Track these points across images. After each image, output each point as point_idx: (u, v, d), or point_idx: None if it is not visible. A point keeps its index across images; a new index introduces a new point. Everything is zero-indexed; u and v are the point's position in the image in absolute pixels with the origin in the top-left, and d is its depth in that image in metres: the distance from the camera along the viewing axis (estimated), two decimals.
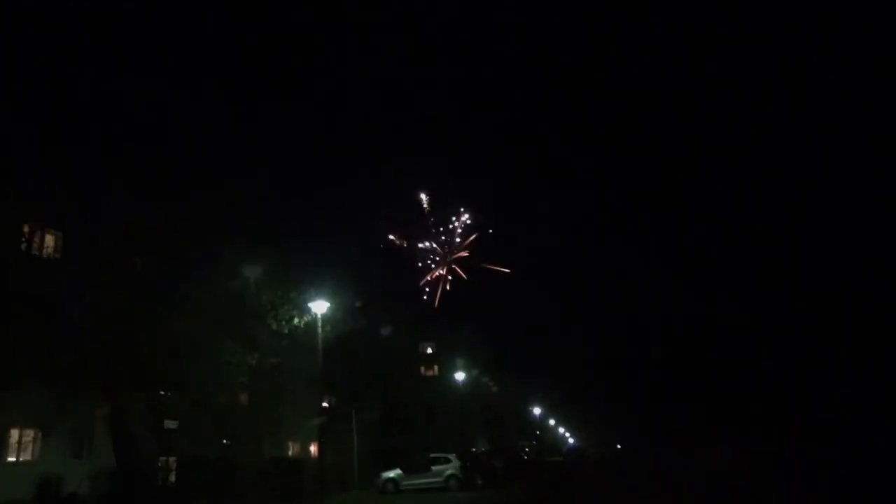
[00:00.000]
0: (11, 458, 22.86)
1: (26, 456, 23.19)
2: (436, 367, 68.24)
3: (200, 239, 18.99)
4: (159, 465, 21.78)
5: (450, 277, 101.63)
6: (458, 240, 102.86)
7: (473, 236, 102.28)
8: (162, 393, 23.51)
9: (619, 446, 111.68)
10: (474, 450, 47.05)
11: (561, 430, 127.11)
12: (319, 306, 26.63)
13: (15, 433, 22.95)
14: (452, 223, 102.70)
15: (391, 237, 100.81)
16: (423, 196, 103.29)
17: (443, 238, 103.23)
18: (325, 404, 34.76)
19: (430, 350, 70.69)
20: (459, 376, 55.05)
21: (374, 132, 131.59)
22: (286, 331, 24.30)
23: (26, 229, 18.85)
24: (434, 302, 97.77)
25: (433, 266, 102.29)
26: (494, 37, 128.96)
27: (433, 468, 31.07)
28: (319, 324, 26.85)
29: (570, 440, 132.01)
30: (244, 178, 21.40)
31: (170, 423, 25.81)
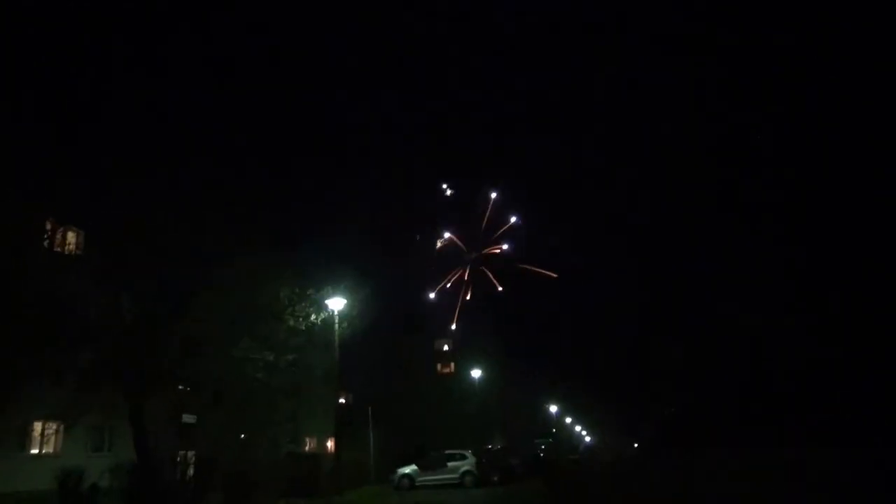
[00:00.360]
0: (34, 451, 23.30)
1: (48, 449, 23.63)
2: (452, 365, 68.31)
3: (216, 238, 19.13)
4: (178, 459, 22.04)
5: (471, 286, 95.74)
6: (486, 235, 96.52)
7: (504, 228, 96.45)
8: (180, 388, 23.81)
9: (636, 445, 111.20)
10: (490, 447, 47.05)
11: (577, 428, 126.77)
12: (336, 303, 26.79)
13: (38, 426, 23.39)
14: (479, 213, 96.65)
15: (415, 237, 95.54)
16: (444, 187, 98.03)
17: (467, 236, 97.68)
18: (341, 401, 35.03)
19: (446, 347, 70.79)
20: (475, 373, 55.11)
21: (387, 128, 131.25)
22: (303, 327, 24.43)
23: (48, 226, 19.14)
24: (453, 306, 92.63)
25: (455, 270, 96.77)
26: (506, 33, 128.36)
27: (449, 464, 31.11)
28: (336, 321, 27.02)
29: (587, 438, 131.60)
30: (256, 177, 21.53)
31: (188, 418, 26.14)
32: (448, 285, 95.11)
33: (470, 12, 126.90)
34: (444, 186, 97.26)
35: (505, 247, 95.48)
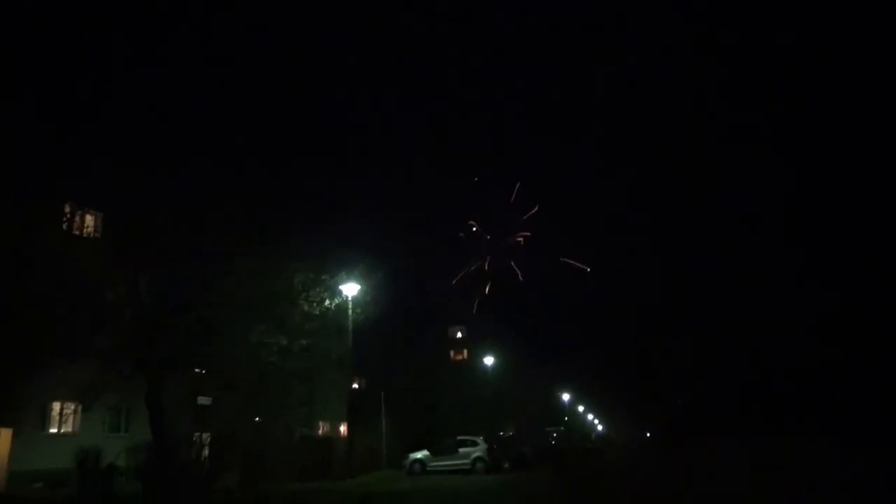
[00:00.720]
0: (53, 430, 23.75)
1: (67, 428, 24.07)
2: (465, 352, 68.44)
3: (234, 223, 19.27)
4: (193, 440, 22.35)
5: (489, 280, 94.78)
6: (509, 224, 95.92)
7: (528, 215, 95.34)
8: (196, 371, 24.09)
9: (648, 434, 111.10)
10: (502, 434, 47.29)
11: (590, 416, 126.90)
12: (350, 289, 26.95)
13: (56, 406, 23.81)
14: (503, 206, 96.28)
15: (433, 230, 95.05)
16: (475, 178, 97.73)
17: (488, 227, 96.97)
18: (354, 386, 35.31)
19: (459, 334, 70.89)
20: (488, 361, 55.25)
21: (387, 128, 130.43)
22: (317, 312, 24.54)
23: (67, 209, 19.37)
24: (470, 293, 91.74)
25: (475, 258, 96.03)
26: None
27: (460, 450, 31.34)
28: (350, 306, 27.19)
29: (599, 427, 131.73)
30: (259, 173, 21.50)
31: (203, 400, 26.48)
32: (467, 272, 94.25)
33: (470, 12, 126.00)
34: (476, 179, 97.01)
35: (528, 234, 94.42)
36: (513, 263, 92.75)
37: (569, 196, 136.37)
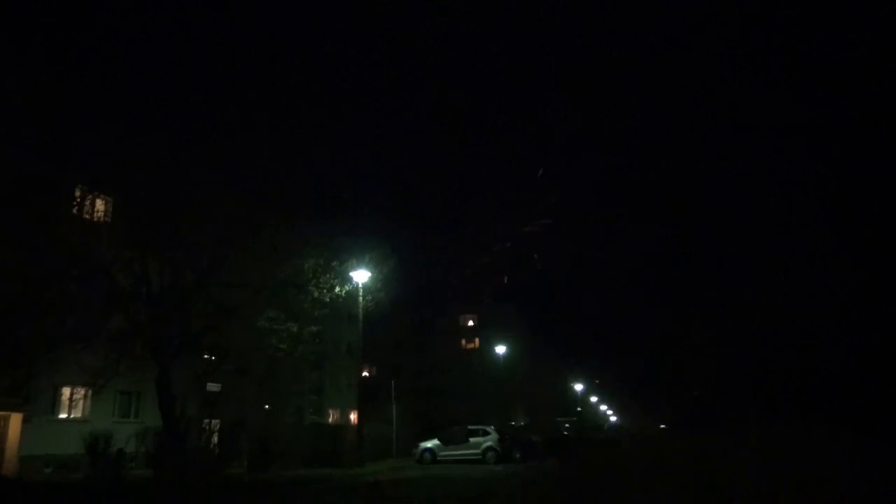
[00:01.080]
0: (63, 415, 23.79)
1: (77, 414, 24.10)
2: (476, 341, 68.23)
3: (243, 210, 19.13)
4: (203, 426, 22.34)
5: (505, 272, 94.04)
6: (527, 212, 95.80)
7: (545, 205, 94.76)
8: (205, 357, 24.02)
9: (662, 426, 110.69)
10: (513, 423, 47.13)
11: (603, 407, 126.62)
12: (361, 275, 26.72)
13: (66, 391, 23.85)
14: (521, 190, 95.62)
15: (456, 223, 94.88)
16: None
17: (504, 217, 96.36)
18: (365, 374, 35.24)
19: (471, 323, 70.62)
20: (500, 350, 55.07)
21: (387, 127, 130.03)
22: (327, 299, 24.38)
23: (77, 193, 19.31)
24: (484, 282, 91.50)
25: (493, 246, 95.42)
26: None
27: (471, 440, 31.11)
28: (361, 293, 26.98)
29: (612, 418, 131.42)
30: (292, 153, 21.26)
31: (213, 386, 26.44)
32: (483, 261, 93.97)
33: (480, 11, 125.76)
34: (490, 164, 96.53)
35: (549, 221, 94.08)
36: (535, 254, 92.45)
37: (584, 190, 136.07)
